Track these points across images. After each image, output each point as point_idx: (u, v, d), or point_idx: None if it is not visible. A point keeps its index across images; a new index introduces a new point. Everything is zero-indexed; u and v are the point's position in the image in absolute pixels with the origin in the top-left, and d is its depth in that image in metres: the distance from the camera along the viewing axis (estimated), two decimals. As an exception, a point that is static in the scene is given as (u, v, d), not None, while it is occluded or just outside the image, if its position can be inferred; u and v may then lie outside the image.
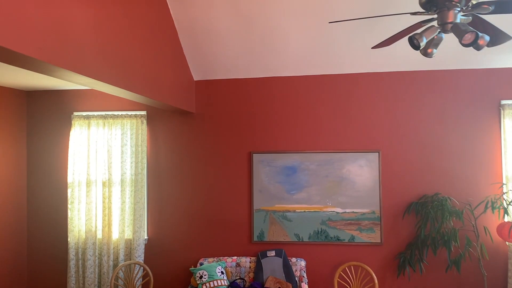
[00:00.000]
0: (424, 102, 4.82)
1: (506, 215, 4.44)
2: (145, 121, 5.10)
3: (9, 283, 4.97)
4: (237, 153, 5.07)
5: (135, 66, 3.37)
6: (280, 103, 5.01)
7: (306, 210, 4.98)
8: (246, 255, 4.97)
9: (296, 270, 4.71)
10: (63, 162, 5.22)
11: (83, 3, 2.63)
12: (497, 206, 4.39)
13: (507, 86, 4.69)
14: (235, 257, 4.91)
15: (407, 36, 3.89)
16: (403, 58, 4.64)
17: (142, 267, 4.85)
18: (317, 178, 4.97)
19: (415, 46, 2.75)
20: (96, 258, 5.06)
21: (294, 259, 4.79)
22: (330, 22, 3.40)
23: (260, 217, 5.02)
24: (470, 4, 2.63)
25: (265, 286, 4.46)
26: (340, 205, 4.93)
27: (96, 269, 5.05)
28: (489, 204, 4.39)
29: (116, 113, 5.11)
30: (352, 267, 4.65)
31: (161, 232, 5.12)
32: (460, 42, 2.57)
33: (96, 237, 5.07)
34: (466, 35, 2.54)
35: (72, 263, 5.08)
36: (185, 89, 4.76)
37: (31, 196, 5.28)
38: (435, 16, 3.42)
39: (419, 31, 3.56)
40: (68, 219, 5.10)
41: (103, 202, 5.08)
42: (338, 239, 4.91)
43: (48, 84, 4.94)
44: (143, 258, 5.03)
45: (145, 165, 5.09)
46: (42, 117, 5.29)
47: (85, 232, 5.07)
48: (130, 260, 4.84)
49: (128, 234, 5.07)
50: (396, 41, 3.70)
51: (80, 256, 5.09)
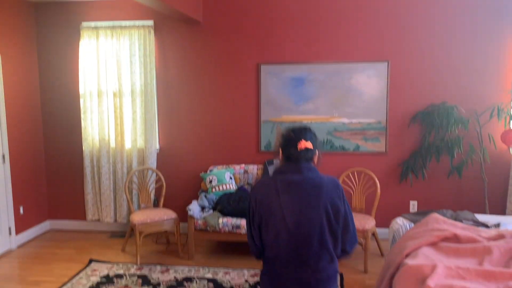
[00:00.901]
0: (435, 11, 4.69)
1: (512, 123, 4.47)
2: (153, 31, 5.09)
3: (29, 191, 5.28)
4: (245, 65, 5.08)
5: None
6: (289, 13, 4.92)
7: (313, 121, 5.06)
8: (254, 163, 5.14)
9: (302, 176, 4.87)
10: (74, 73, 5.31)
11: None
12: (504, 114, 4.41)
13: (524, -9, 4.52)
14: (243, 165, 5.09)
15: None
16: (417, -39, 4.47)
17: (155, 173, 5.08)
18: (325, 89, 5.00)
19: None
20: (111, 166, 5.30)
21: (300, 167, 4.94)
22: None
23: (268, 128, 5.13)
24: None
25: (271, 190, 4.63)
26: (347, 116, 5.00)
27: (111, 176, 5.31)
28: (495, 112, 4.40)
29: (124, 23, 5.09)
30: (356, 173, 4.80)
31: (172, 142, 5.29)
32: None
33: (110, 146, 5.27)
34: None
35: (88, 170, 5.33)
36: (192, -4, 4.70)
37: (45, 107, 5.44)
38: None
39: None
40: (82, 129, 5.28)
41: (115, 113, 5.22)
42: (343, 149, 5.03)
43: (55, -7, 4.91)
44: (156, 166, 5.25)
45: (154, 76, 5.16)
46: (52, 29, 5.31)
47: (99, 141, 5.27)
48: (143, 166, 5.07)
49: (140, 144, 5.25)
50: None
51: (95, 163, 5.33)
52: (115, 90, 5.19)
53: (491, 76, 4.69)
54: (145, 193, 4.99)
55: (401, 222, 3.63)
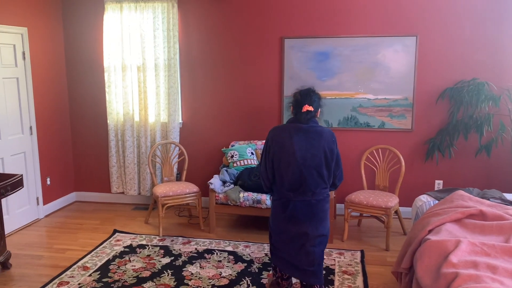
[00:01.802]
0: (470, -20, 4.48)
1: (546, 100, 4.27)
2: (176, 5, 5.04)
3: (56, 162, 5.40)
4: (268, 39, 4.99)
5: None
6: (314, -16, 4.79)
7: (337, 97, 4.97)
8: (276, 139, 5.09)
9: (324, 153, 4.82)
10: (99, 47, 5.34)
11: None
12: (538, 91, 4.22)
13: None
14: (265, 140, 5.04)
15: None
16: None
17: (178, 147, 5.11)
18: (350, 64, 4.88)
19: None
20: (135, 139, 5.35)
21: (323, 143, 4.88)
22: None
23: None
24: None
25: (293, 166, 4.61)
26: (372, 92, 4.88)
27: (135, 149, 5.37)
28: (529, 88, 4.22)
29: (148, -3, 5.07)
30: (380, 150, 4.71)
31: (195, 117, 5.30)
32: None
33: (134, 120, 5.32)
34: None
35: (113, 143, 5.41)
36: (215, -32, 4.62)
37: (70, 80, 5.51)
38: None
39: None
40: (107, 103, 5.34)
41: (139, 87, 5.24)
42: (368, 125, 4.93)
43: (79, -35, 4.91)
44: (179, 140, 5.28)
45: (177, 50, 5.14)
46: (76, 1, 5.33)
47: (123, 115, 5.32)
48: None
49: (164, 118, 5.28)
50: None
51: (120, 137, 5.40)
52: (139, 64, 5.20)
53: (526, 51, 4.48)
54: (168, 167, 5.04)
55: (425, 199, 3.55)
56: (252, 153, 4.86)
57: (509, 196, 3.51)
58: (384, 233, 4.30)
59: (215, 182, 4.50)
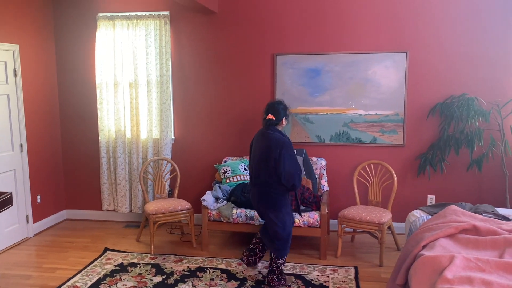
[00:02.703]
0: (455, 2, 4.57)
1: (535, 115, 4.32)
2: (168, 22, 5.08)
3: (47, 180, 5.34)
4: (260, 55, 5.03)
5: None
6: (304, 3, 4.85)
7: (329, 113, 4.99)
8: (269, 155, 5.09)
9: (317, 169, 4.83)
10: (91, 64, 5.34)
11: None
12: (526, 106, 4.27)
13: (550, -22, 4.37)
14: (258, 156, 5.04)
15: None
16: None
17: (170, 163, 5.08)
18: (341, 80, 4.92)
19: None
20: (126, 156, 5.32)
21: (315, 159, 4.89)
22: None
23: (283, 120, 5.07)
24: None
25: (286, 181, 4.62)
26: (364, 107, 4.91)
27: (127, 166, 5.33)
28: (518, 103, 4.27)
29: (140, 14, 5.10)
30: (372, 165, 4.72)
31: (187, 132, 5.29)
32: None
33: (126, 136, 5.30)
34: None
35: (104, 160, 5.37)
36: (208, -14, 4.67)
37: (62, 97, 5.48)
38: None
39: None
40: (98, 119, 5.32)
41: (131, 103, 5.23)
42: (360, 141, 4.95)
43: (72, -17, 4.93)
44: (171, 157, 5.26)
45: (170, 67, 5.15)
46: (69, 19, 5.34)
47: (115, 132, 5.30)
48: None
49: (156, 134, 5.26)
50: None
51: (111, 154, 5.36)
52: (131, 81, 5.20)
53: (514, 67, 4.55)
54: (160, 184, 5.00)
55: (418, 214, 3.55)
56: (245, 169, 4.85)
57: (502, 211, 3.53)
58: (378, 249, 4.28)
59: (208, 199, 4.48)
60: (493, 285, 2.17)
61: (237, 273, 3.96)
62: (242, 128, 5.15)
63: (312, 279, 3.84)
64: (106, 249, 4.55)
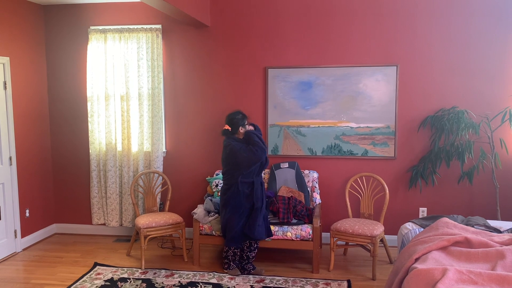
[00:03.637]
0: (444, 15, 4.64)
1: (524, 128, 4.37)
2: (161, 35, 5.09)
3: (36, 194, 5.27)
4: (252, 68, 5.05)
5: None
6: (296, 17, 4.90)
7: (320, 125, 5.01)
8: (261, 168, 5.07)
9: (309, 181, 4.82)
10: (82, 77, 5.32)
11: None
12: (515, 118, 4.32)
13: (536, -6, 4.45)
14: (250, 169, 5.02)
15: None
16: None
17: (161, 176, 5.04)
18: (333, 93, 4.95)
19: None
20: (117, 169, 5.28)
21: (307, 171, 4.89)
22: None
23: (275, 132, 5.08)
24: None
25: (278, 195, 4.60)
26: (355, 120, 4.93)
27: (117, 179, 5.28)
28: (507, 116, 4.31)
29: (132, 27, 5.10)
30: (364, 178, 4.72)
31: (179, 145, 5.26)
32: None
33: (116, 150, 5.26)
34: None
35: (94, 174, 5.32)
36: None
37: (53, 110, 5.45)
38: None
39: None
40: (89, 132, 5.28)
41: (122, 116, 5.21)
42: (351, 153, 4.96)
43: (64, -3, 4.94)
44: (162, 170, 5.22)
45: (162, 80, 5.15)
46: (60, 32, 5.34)
47: (106, 145, 5.26)
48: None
49: (147, 147, 5.23)
50: None
51: (102, 167, 5.31)
52: (122, 94, 5.19)
53: (503, 80, 4.61)
54: (151, 197, 4.95)
55: (410, 227, 3.55)
56: (237, 182, 4.82)
57: (493, 223, 3.54)
58: (370, 262, 4.26)
59: (199, 212, 4.44)
60: (486, 298, 2.16)
61: (229, 288, 3.92)
62: (234, 141, 5.12)
63: (305, 293, 3.80)
64: (96, 264, 4.48)
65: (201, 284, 3.98)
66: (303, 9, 4.87)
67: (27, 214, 5.07)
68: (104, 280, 4.08)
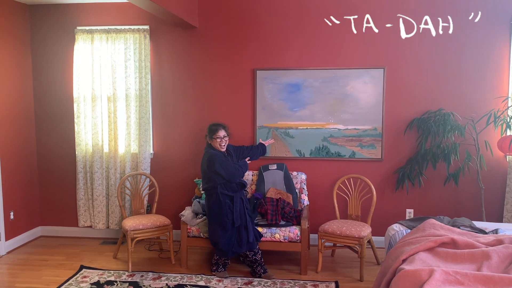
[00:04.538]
0: (431, 18, 4.69)
1: (508, 130, 4.44)
2: (148, 36, 5.06)
3: (21, 196, 5.18)
4: (241, 70, 5.05)
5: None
6: (285, 19, 4.91)
7: (309, 127, 5.02)
8: (249, 169, 5.07)
9: (297, 183, 4.83)
10: (68, 77, 5.26)
11: None
12: (500, 121, 4.38)
13: (520, -1, 4.54)
14: (238, 171, 5.01)
15: None
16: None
17: (148, 178, 5.01)
18: (321, 95, 4.97)
19: None
20: (104, 171, 5.22)
21: (295, 173, 4.90)
22: None
23: (263, 134, 5.08)
24: None
25: (267, 196, 4.60)
26: (343, 122, 4.96)
27: (104, 181, 5.23)
28: (492, 119, 4.38)
29: (119, 27, 5.06)
30: (351, 180, 4.75)
31: (167, 147, 5.23)
32: None
33: (103, 151, 5.21)
34: None
35: (81, 175, 5.25)
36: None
37: (38, 111, 5.37)
38: None
39: None
40: (75, 133, 5.22)
41: (109, 117, 5.16)
42: (339, 155, 4.98)
43: (50, -4, 4.88)
44: (149, 171, 5.18)
45: (149, 81, 5.11)
46: (46, 32, 5.27)
47: (92, 146, 5.20)
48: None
49: (134, 149, 5.19)
50: None
51: (88, 169, 5.26)
52: (109, 95, 5.14)
53: (488, 83, 4.68)
54: (138, 199, 4.91)
55: (397, 228, 3.57)
56: (225, 184, 4.80)
57: (478, 224, 3.58)
58: (358, 263, 4.28)
59: (187, 214, 4.42)
60: (472, 299, 2.19)
61: (217, 290, 3.90)
62: (222, 143, 5.11)
63: (293, 295, 3.80)
64: (82, 267, 4.43)
65: (189, 287, 3.96)
66: (292, 12, 4.89)
67: (12, 217, 4.99)
68: (91, 283, 4.03)
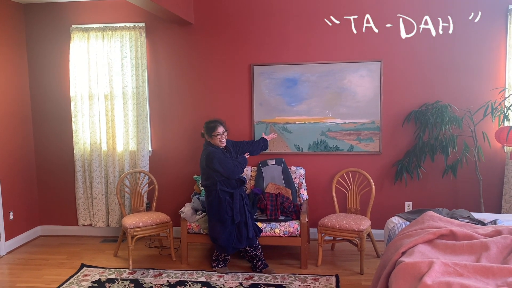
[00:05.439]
0: (427, 10, 4.68)
1: (506, 121, 4.44)
2: (144, 33, 5.04)
3: (20, 196, 5.18)
4: (238, 66, 5.04)
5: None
6: (281, 14, 4.90)
7: (306, 122, 5.02)
8: (248, 165, 5.07)
9: (295, 178, 4.84)
10: (65, 76, 5.24)
11: None
12: (497, 112, 4.39)
13: (516, -11, 4.53)
14: (237, 167, 5.02)
15: None
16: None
17: (147, 176, 5.01)
18: (318, 90, 4.96)
19: None
20: (102, 169, 5.22)
21: (294, 168, 4.90)
22: None
23: (261, 129, 5.08)
24: None
25: (266, 191, 4.61)
26: (340, 116, 4.96)
27: (103, 180, 5.23)
28: (489, 110, 4.38)
29: (115, 25, 5.04)
30: (350, 173, 4.76)
31: (165, 144, 5.23)
32: None
33: (101, 149, 5.20)
34: None
35: (79, 174, 5.25)
36: (183, -3, 4.66)
37: (35, 110, 5.36)
38: None
39: None
40: (73, 132, 5.21)
41: (106, 115, 5.15)
42: (337, 149, 4.99)
43: (44, -5, 4.86)
44: (148, 169, 5.18)
45: (146, 78, 5.10)
46: (41, 30, 5.25)
47: (90, 145, 5.20)
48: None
49: (132, 146, 5.19)
50: None
51: (87, 168, 5.26)
52: (106, 93, 5.13)
53: (484, 74, 4.68)
54: (138, 197, 4.92)
55: (397, 221, 3.59)
56: (224, 180, 4.81)
57: (477, 215, 3.60)
58: (358, 257, 4.30)
59: (187, 211, 4.42)
60: (471, 290, 2.20)
61: (218, 286, 3.91)
62: (220, 139, 5.11)
63: (294, 289, 3.82)
64: (83, 265, 4.44)
65: (190, 283, 3.97)
66: (288, 7, 4.87)
67: (11, 217, 4.99)
68: (92, 282, 4.04)
